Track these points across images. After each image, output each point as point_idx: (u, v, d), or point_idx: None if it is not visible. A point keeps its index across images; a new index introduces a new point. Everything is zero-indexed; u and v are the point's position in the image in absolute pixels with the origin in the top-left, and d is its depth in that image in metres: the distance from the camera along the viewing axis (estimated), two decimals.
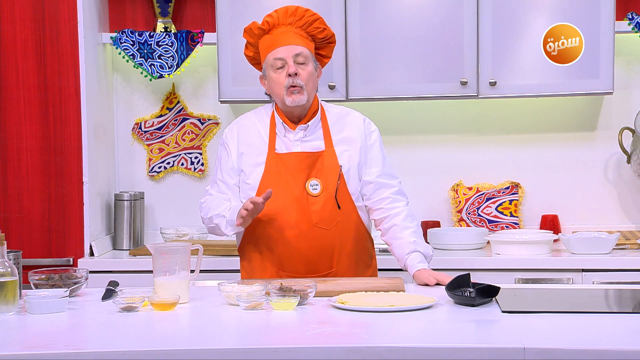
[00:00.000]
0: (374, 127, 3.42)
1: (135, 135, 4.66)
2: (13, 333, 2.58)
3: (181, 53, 4.46)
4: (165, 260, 2.90)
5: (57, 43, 4.24)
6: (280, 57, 3.26)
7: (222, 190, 3.37)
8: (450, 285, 2.84)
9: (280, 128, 3.33)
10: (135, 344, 2.40)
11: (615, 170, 4.54)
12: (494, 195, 4.53)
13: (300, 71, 3.26)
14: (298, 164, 3.28)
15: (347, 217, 3.30)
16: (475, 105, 4.53)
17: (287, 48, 3.27)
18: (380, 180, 3.34)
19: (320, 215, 3.25)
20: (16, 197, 4.27)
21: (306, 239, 3.25)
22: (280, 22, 3.29)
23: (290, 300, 2.74)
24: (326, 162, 3.30)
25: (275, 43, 3.29)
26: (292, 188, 3.26)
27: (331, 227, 3.27)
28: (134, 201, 4.46)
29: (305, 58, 3.28)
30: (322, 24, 3.34)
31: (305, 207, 3.25)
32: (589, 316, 2.62)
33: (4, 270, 2.73)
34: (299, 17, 3.29)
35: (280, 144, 3.32)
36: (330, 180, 3.28)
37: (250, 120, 3.41)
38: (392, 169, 3.41)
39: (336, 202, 3.27)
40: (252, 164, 3.31)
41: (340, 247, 3.28)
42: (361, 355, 2.31)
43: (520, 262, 4.00)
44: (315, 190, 3.27)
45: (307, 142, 3.32)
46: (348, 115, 3.41)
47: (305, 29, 3.31)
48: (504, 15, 4.20)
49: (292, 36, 3.29)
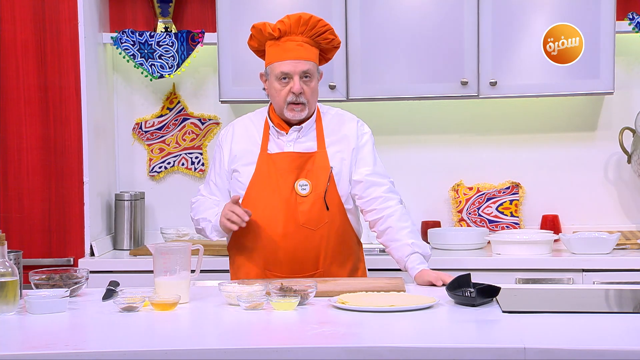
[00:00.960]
0: (367, 129, 3.42)
1: (136, 135, 4.66)
2: (13, 333, 2.58)
3: (182, 53, 4.46)
4: (165, 260, 2.90)
5: (57, 43, 4.24)
6: (287, 72, 3.26)
7: (213, 192, 3.41)
8: (451, 285, 2.84)
9: (274, 131, 3.34)
10: (136, 344, 2.40)
11: (616, 170, 4.54)
12: (494, 195, 4.53)
13: (305, 87, 3.27)
14: (288, 164, 3.29)
15: (335, 219, 3.30)
16: (475, 105, 4.53)
17: (295, 63, 3.26)
18: (370, 178, 3.33)
19: (308, 216, 3.26)
20: (16, 197, 4.27)
21: (292, 238, 3.25)
22: (292, 30, 3.28)
23: (291, 300, 2.74)
24: (317, 163, 3.30)
25: (284, 54, 3.27)
26: (280, 187, 3.27)
27: (318, 228, 3.27)
28: (135, 201, 4.47)
29: (312, 74, 3.30)
30: (332, 34, 3.34)
31: (293, 206, 3.26)
32: (589, 316, 2.62)
33: (4, 270, 2.73)
34: (310, 27, 3.29)
35: (273, 145, 3.33)
36: (320, 181, 3.29)
37: (245, 123, 3.43)
38: (383, 169, 3.40)
39: (325, 203, 3.27)
40: (244, 164, 3.34)
41: (326, 248, 3.28)
42: (362, 355, 2.31)
43: (521, 262, 3.99)
44: (304, 190, 3.28)
45: (300, 143, 3.33)
46: (342, 117, 3.42)
47: (314, 39, 3.31)
48: (504, 15, 4.20)
49: (300, 50, 3.27)
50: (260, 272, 3.29)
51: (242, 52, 4.27)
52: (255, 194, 3.29)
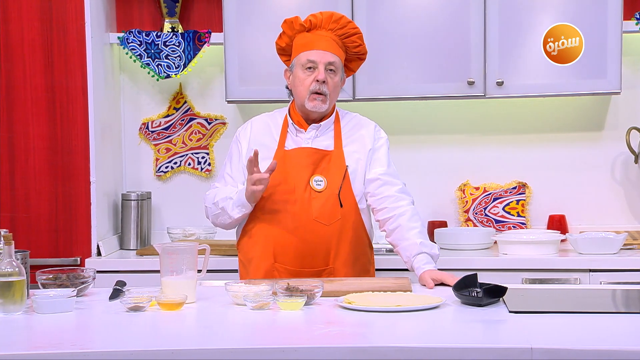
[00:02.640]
0: (384, 135, 3.46)
1: (142, 135, 4.66)
2: (20, 333, 2.58)
3: (188, 53, 4.46)
4: (172, 260, 2.90)
5: (64, 43, 4.25)
6: (313, 60, 3.30)
7: (229, 184, 3.41)
8: (457, 285, 2.84)
9: (292, 129, 3.36)
10: (143, 344, 2.40)
11: (623, 170, 4.53)
12: (501, 195, 4.52)
13: (328, 79, 3.30)
14: (304, 159, 3.30)
15: (348, 217, 3.31)
16: (482, 105, 4.53)
17: (322, 53, 3.30)
18: (384, 177, 3.35)
19: (321, 211, 3.27)
20: (23, 197, 4.28)
21: (304, 232, 3.26)
22: (323, 25, 3.32)
23: (297, 300, 2.74)
24: (333, 161, 3.32)
25: (312, 44, 3.32)
26: (295, 181, 3.28)
27: (330, 224, 3.27)
28: (141, 201, 4.47)
29: (336, 68, 3.33)
30: (360, 39, 3.38)
31: (307, 201, 3.27)
32: (596, 316, 2.61)
33: (11, 269, 2.74)
34: (341, 26, 3.33)
35: (290, 142, 3.36)
36: (335, 179, 3.30)
37: (264, 119, 3.45)
38: (396, 172, 3.43)
39: (339, 200, 3.28)
40: (260, 159, 3.32)
41: (337, 244, 3.29)
42: (368, 355, 2.31)
43: (528, 262, 3.99)
44: (319, 185, 3.29)
45: (317, 142, 3.35)
46: (360, 121, 3.46)
47: (342, 39, 3.34)
48: (511, 15, 4.19)
49: (329, 42, 3.32)
50: (269, 266, 3.29)
51: (248, 52, 4.28)
52: (270, 187, 3.28)
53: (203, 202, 3.45)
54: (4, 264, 2.74)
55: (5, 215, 4.27)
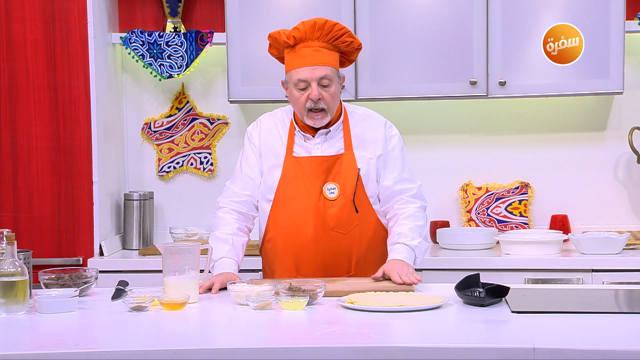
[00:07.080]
0: (395, 132, 3.37)
1: (145, 135, 4.67)
2: (23, 332, 2.58)
3: (190, 53, 4.46)
4: (174, 260, 2.90)
5: (67, 43, 4.25)
6: (304, 79, 3.20)
7: (246, 187, 3.33)
8: (460, 285, 2.84)
9: (299, 134, 3.30)
10: (145, 344, 2.40)
11: (626, 170, 4.53)
12: (503, 195, 4.52)
13: (324, 94, 3.21)
14: (315, 168, 3.25)
15: (365, 221, 3.27)
16: (484, 105, 4.53)
17: (312, 70, 3.19)
18: (398, 187, 3.29)
19: (337, 220, 3.23)
20: (26, 196, 4.28)
21: (323, 243, 3.23)
22: (307, 36, 3.21)
23: (300, 300, 2.74)
24: (344, 165, 3.27)
25: (301, 61, 3.21)
26: (309, 192, 3.24)
27: (348, 231, 3.24)
28: (144, 201, 4.47)
29: (330, 79, 3.22)
30: (350, 36, 3.27)
31: (322, 211, 3.23)
32: (599, 316, 2.61)
33: (14, 269, 2.74)
34: (327, 32, 3.21)
35: (298, 148, 3.29)
36: (348, 184, 3.25)
37: (271, 122, 3.37)
38: (411, 173, 3.36)
39: (354, 206, 3.25)
40: (270, 166, 3.30)
41: (357, 251, 3.26)
42: (370, 355, 2.31)
43: (530, 262, 3.99)
44: (333, 194, 3.25)
45: (327, 146, 3.29)
46: (370, 118, 3.36)
47: (332, 43, 3.24)
48: (513, 15, 4.19)
49: (318, 54, 3.21)
50: (293, 276, 3.25)
51: (251, 52, 4.28)
52: (283, 197, 3.25)
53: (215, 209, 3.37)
54: (7, 263, 2.74)
55: (7, 215, 4.27)
